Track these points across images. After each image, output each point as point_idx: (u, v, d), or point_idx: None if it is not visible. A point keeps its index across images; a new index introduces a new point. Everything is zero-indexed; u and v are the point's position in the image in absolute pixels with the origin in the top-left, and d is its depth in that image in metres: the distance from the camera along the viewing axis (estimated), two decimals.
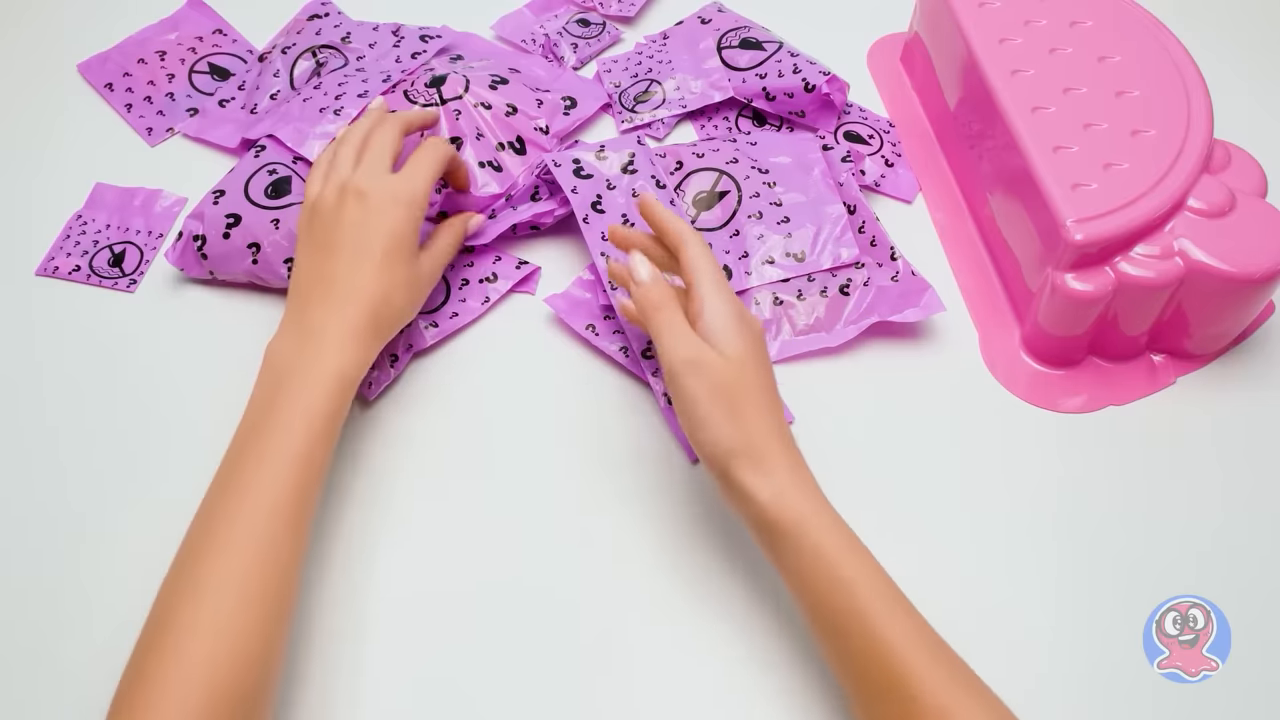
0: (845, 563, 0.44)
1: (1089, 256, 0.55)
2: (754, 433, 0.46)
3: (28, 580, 0.52)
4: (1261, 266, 0.54)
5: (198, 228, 0.61)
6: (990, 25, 0.64)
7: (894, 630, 0.43)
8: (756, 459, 0.46)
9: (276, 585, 0.45)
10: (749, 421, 0.46)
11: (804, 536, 0.44)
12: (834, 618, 0.44)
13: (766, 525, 0.45)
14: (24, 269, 0.64)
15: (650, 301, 0.49)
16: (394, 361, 0.58)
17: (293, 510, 0.46)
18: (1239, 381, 0.60)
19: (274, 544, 0.45)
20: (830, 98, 0.69)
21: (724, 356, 0.47)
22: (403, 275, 0.54)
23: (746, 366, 0.47)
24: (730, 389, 0.46)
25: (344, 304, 0.52)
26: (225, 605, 0.43)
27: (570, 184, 0.62)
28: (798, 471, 0.46)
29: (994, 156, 0.63)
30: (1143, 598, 0.51)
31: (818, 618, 0.45)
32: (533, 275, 0.63)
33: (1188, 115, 0.58)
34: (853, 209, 0.63)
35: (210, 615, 0.43)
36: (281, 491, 0.46)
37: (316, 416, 0.49)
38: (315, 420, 0.48)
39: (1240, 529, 0.54)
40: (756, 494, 0.45)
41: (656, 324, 0.48)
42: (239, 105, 0.72)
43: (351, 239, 0.53)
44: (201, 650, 0.42)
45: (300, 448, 0.48)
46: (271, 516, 0.46)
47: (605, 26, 0.78)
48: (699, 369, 0.47)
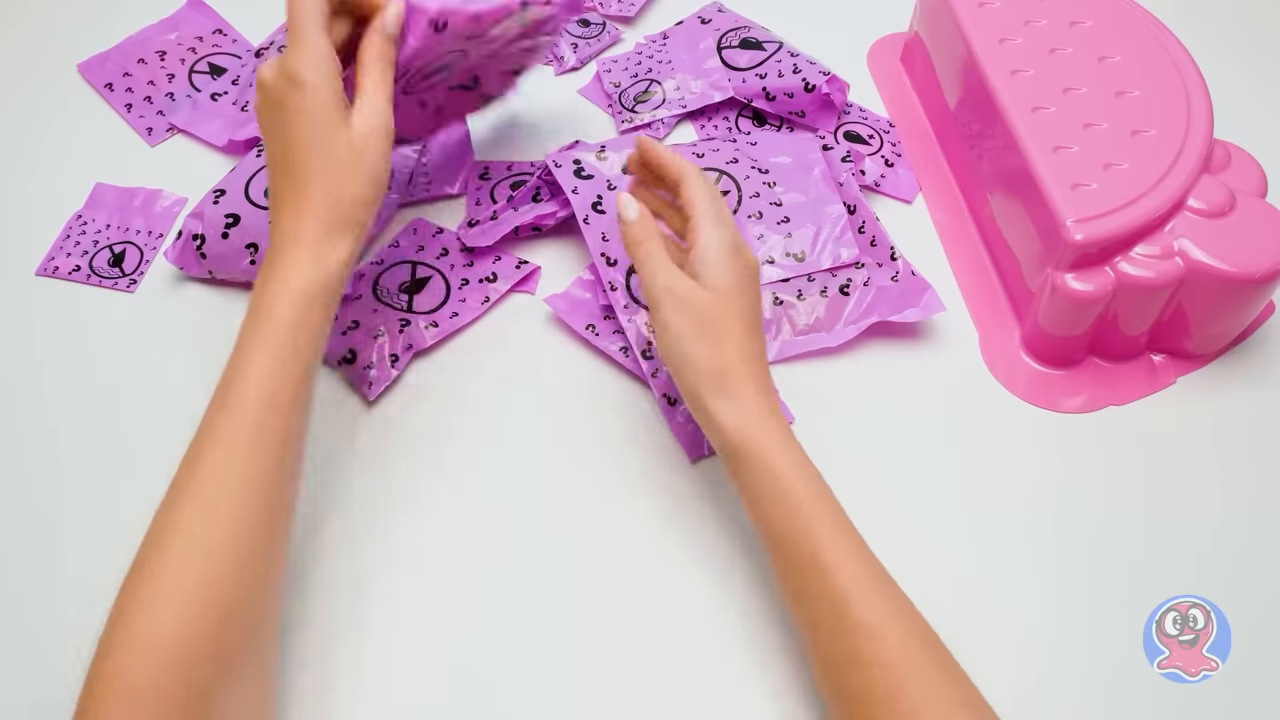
0: (794, 485, 0.45)
1: (1089, 256, 0.55)
2: (727, 360, 0.47)
3: (26, 580, 0.52)
4: (1261, 266, 0.54)
5: (197, 227, 0.61)
6: (990, 25, 0.64)
7: (835, 550, 0.44)
8: (725, 386, 0.47)
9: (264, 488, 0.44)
10: (724, 350, 0.47)
11: (760, 460, 0.46)
12: (782, 540, 0.45)
13: (730, 451, 0.47)
14: (24, 269, 0.64)
15: (632, 236, 0.50)
16: (394, 361, 0.58)
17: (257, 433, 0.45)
18: (1239, 381, 0.60)
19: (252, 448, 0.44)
20: (830, 98, 0.69)
21: (706, 288, 0.48)
22: (344, 161, 0.48)
23: (730, 298, 0.48)
24: (708, 318, 0.48)
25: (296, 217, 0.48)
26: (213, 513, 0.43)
27: (571, 184, 0.62)
28: (764, 398, 0.47)
29: (994, 156, 0.63)
30: (1143, 598, 0.51)
31: (769, 541, 0.46)
32: (533, 275, 0.63)
33: (1188, 115, 0.58)
34: (853, 209, 0.63)
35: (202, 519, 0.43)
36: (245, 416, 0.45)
37: (278, 327, 0.46)
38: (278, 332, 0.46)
39: (1240, 529, 0.54)
40: (722, 419, 0.47)
41: (638, 257, 0.50)
42: (231, 100, 0.72)
43: (276, 141, 0.49)
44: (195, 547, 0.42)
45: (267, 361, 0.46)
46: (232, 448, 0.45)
47: (605, 26, 0.78)
48: (675, 299, 0.48)
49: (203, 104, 0.72)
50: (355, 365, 0.58)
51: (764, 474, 0.46)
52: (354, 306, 0.61)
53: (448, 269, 0.63)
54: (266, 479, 0.44)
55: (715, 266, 0.49)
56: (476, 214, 0.65)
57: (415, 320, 0.60)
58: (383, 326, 0.59)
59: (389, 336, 0.59)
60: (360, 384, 0.58)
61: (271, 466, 0.45)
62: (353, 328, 0.59)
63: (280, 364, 0.46)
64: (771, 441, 0.46)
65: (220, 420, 0.45)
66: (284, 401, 0.46)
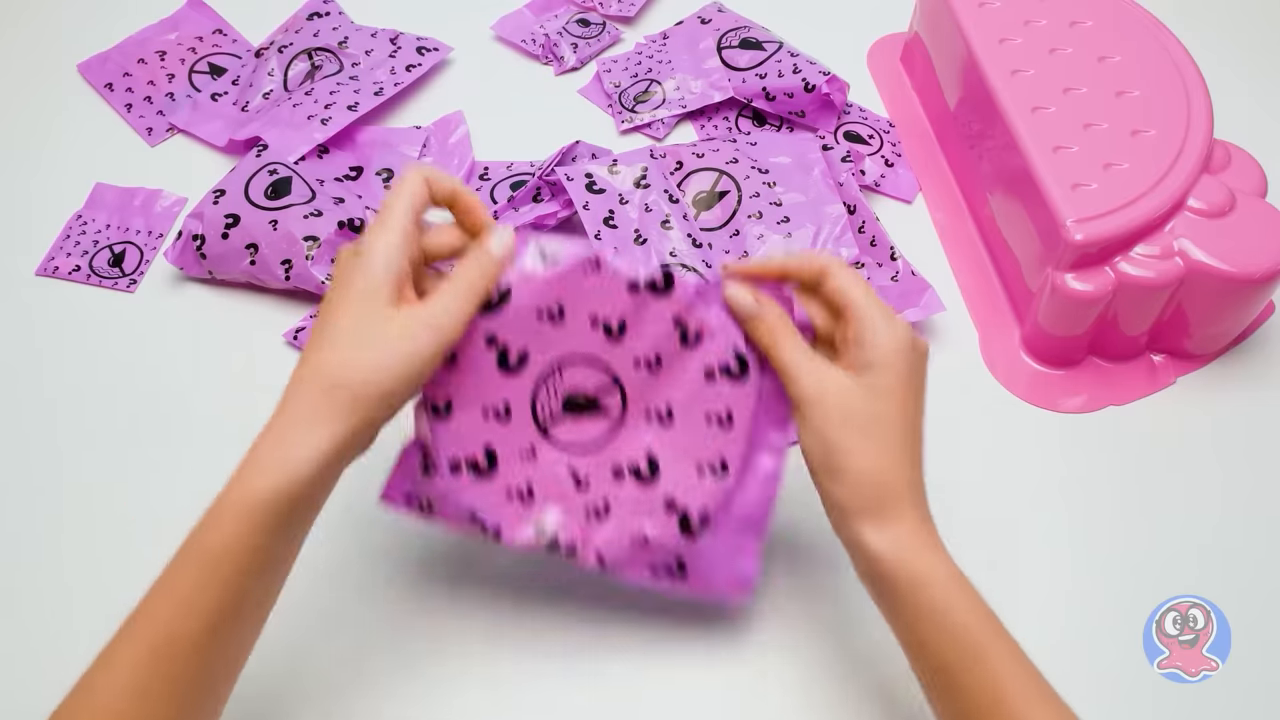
0: (969, 624, 0.41)
1: (1089, 256, 0.55)
2: (888, 475, 0.42)
3: (24, 580, 0.52)
4: (1261, 266, 0.54)
5: (197, 227, 0.61)
6: (990, 25, 0.64)
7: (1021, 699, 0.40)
8: (883, 507, 0.42)
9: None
10: (885, 461, 0.42)
11: (926, 597, 0.41)
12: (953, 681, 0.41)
13: (885, 583, 0.42)
14: (24, 269, 0.64)
15: (766, 326, 0.44)
16: None
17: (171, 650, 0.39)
18: (1239, 381, 0.60)
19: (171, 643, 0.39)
20: (830, 98, 0.69)
21: (870, 385, 0.42)
22: (364, 341, 0.41)
23: (902, 400, 0.42)
24: (872, 424, 0.42)
25: (279, 406, 0.42)
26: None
27: (582, 199, 0.62)
28: (926, 521, 0.43)
29: (994, 156, 0.63)
30: (1143, 598, 0.51)
31: (937, 677, 0.42)
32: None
33: (1188, 115, 0.58)
34: (853, 209, 0.63)
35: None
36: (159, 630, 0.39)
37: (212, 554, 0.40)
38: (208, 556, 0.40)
39: (1240, 529, 0.54)
40: (877, 548, 0.41)
41: (778, 348, 0.44)
42: (231, 100, 0.72)
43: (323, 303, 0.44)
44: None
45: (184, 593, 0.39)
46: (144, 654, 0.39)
47: (605, 26, 0.78)
48: (832, 398, 0.42)
49: (203, 104, 0.72)
50: None
51: (930, 611, 0.41)
52: None
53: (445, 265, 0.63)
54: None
55: (886, 360, 0.42)
56: None
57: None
58: None
59: None
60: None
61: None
62: None
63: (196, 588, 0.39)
64: (936, 575, 0.41)
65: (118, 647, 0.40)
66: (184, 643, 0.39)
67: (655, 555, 0.46)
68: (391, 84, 0.71)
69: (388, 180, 0.67)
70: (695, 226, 0.62)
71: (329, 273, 0.60)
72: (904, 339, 0.43)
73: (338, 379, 0.41)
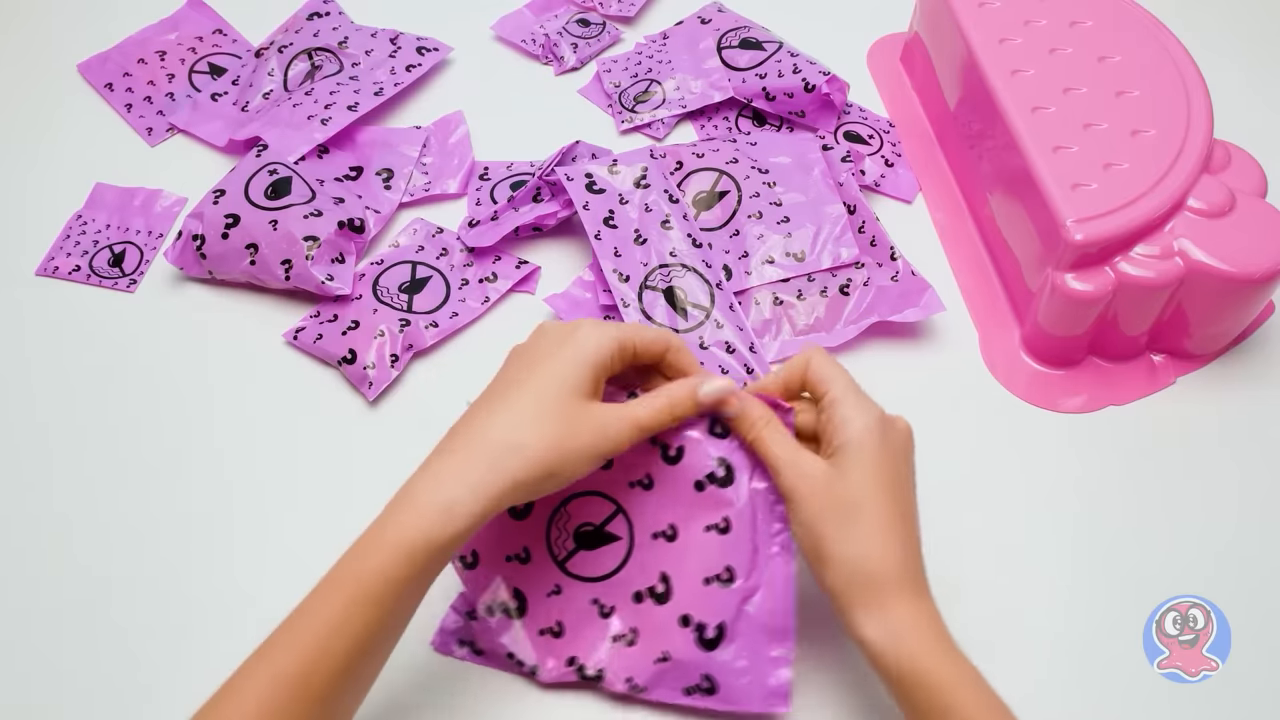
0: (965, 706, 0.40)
1: (1089, 256, 0.55)
2: (875, 562, 0.42)
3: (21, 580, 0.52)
4: (1261, 266, 0.54)
5: (197, 227, 0.61)
6: (990, 25, 0.64)
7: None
8: (874, 594, 0.41)
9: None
10: (872, 548, 0.42)
11: (923, 682, 0.40)
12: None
13: (882, 670, 0.42)
14: (24, 269, 0.64)
15: (749, 420, 0.45)
16: (394, 361, 0.58)
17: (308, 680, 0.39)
18: (1239, 381, 0.60)
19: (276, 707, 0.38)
20: (830, 98, 0.69)
21: (850, 472, 0.42)
22: (542, 416, 0.42)
23: (882, 484, 0.42)
24: (853, 511, 0.42)
25: (443, 453, 0.43)
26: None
27: (582, 199, 0.62)
28: (920, 604, 0.42)
29: (994, 156, 0.63)
30: (1143, 598, 0.51)
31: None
32: (533, 275, 0.63)
33: (1188, 115, 0.58)
34: (853, 209, 0.63)
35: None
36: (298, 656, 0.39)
37: (366, 580, 0.40)
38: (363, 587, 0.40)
39: (1241, 529, 0.54)
40: (868, 634, 0.41)
41: (762, 439, 0.44)
42: (231, 100, 0.72)
43: (518, 361, 0.45)
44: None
45: (335, 615, 0.39)
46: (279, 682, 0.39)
47: (605, 26, 0.78)
48: (812, 487, 0.43)
49: (203, 104, 0.72)
50: (355, 365, 0.58)
51: (928, 696, 0.40)
52: (354, 306, 0.61)
53: (447, 269, 0.63)
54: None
55: (857, 441, 0.42)
56: (477, 214, 0.65)
57: (415, 320, 0.60)
58: (383, 326, 0.59)
59: (389, 336, 0.59)
60: (360, 384, 0.58)
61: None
62: (353, 328, 0.59)
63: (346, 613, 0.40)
64: (931, 659, 0.41)
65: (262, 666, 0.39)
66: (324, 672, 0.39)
67: (683, 674, 0.46)
68: (391, 84, 0.71)
69: (388, 180, 0.67)
70: (695, 226, 0.62)
71: (329, 272, 0.60)
72: (873, 419, 0.43)
73: (509, 442, 0.41)
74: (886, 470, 0.43)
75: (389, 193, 0.67)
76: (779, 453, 0.44)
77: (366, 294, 0.61)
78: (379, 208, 0.66)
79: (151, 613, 0.51)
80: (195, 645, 0.50)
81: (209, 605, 0.51)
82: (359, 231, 0.62)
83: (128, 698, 0.49)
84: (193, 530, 0.54)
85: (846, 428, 0.43)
